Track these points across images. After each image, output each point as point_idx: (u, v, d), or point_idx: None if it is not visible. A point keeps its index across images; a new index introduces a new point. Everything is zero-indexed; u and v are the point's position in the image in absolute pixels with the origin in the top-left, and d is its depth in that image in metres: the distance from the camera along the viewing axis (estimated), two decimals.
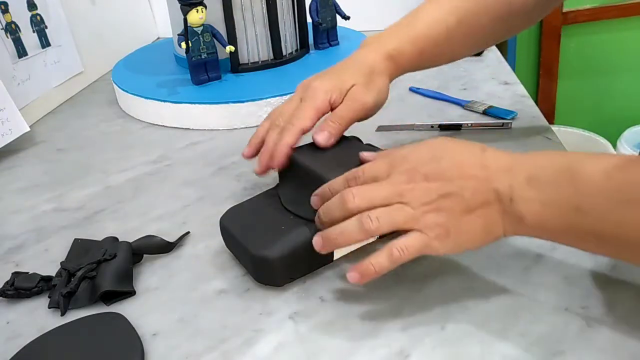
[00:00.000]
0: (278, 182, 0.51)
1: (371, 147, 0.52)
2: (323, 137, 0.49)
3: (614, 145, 1.62)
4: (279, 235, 0.44)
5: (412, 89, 0.83)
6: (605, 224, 0.34)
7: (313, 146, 0.50)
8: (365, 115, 0.53)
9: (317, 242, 0.41)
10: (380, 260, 0.39)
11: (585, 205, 0.35)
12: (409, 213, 0.39)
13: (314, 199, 0.44)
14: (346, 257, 0.47)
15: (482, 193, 0.38)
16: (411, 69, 0.58)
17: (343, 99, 0.51)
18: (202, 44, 0.76)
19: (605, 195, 0.34)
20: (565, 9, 1.66)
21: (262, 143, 0.53)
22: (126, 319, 0.42)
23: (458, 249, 0.39)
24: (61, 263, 0.48)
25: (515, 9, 0.57)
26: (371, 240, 0.48)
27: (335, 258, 0.46)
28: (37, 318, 0.44)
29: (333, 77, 0.53)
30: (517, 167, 0.38)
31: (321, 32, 0.90)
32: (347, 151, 0.49)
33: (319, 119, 0.51)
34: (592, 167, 0.36)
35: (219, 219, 0.48)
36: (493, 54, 0.97)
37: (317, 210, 0.43)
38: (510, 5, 0.56)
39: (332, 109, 0.51)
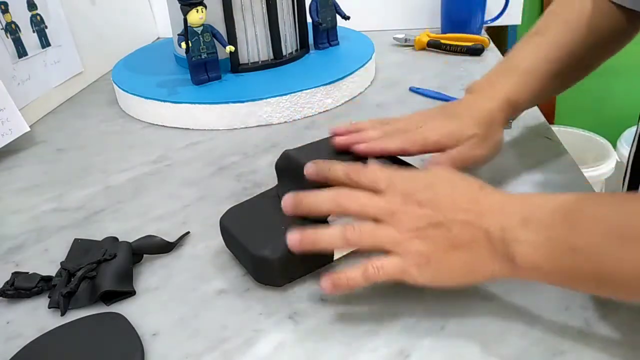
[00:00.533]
0: (277, 182, 0.51)
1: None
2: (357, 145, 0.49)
3: (614, 145, 1.62)
4: (279, 235, 0.44)
5: (412, 89, 0.83)
6: (604, 264, 0.33)
7: (313, 146, 0.50)
8: (474, 165, 0.51)
9: (294, 239, 0.41)
10: (354, 276, 0.39)
11: (582, 245, 0.34)
12: (393, 235, 0.38)
13: (309, 166, 0.44)
14: (346, 257, 0.47)
15: (470, 230, 0.37)
16: (524, 109, 0.57)
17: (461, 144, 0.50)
18: (202, 44, 0.76)
19: (602, 234, 0.33)
20: None
21: (354, 130, 0.51)
22: (126, 319, 0.42)
23: (436, 282, 0.38)
24: (61, 263, 0.48)
25: (606, 35, 0.55)
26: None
27: (335, 258, 0.46)
28: (37, 318, 0.44)
29: (453, 122, 0.51)
30: (511, 208, 0.37)
31: (321, 32, 0.90)
32: (348, 154, 0.49)
33: (425, 152, 0.50)
34: (587, 206, 0.35)
35: (219, 219, 0.48)
36: (493, 54, 0.97)
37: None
38: (595, 39, 0.55)
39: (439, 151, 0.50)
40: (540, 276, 0.37)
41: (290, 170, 0.48)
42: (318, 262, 0.46)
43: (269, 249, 0.43)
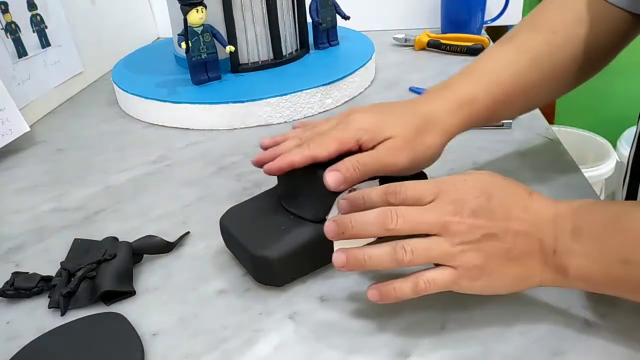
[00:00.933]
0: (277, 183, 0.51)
1: None
2: (333, 179, 0.43)
3: (614, 146, 1.62)
4: (279, 235, 0.44)
5: (412, 89, 0.83)
6: None
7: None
8: (397, 174, 0.45)
9: (340, 260, 0.38)
10: (404, 288, 0.37)
11: (632, 258, 0.34)
12: (447, 249, 0.37)
13: (342, 203, 0.41)
14: None
15: (525, 241, 0.37)
16: (482, 121, 0.49)
17: (375, 146, 0.45)
18: (202, 44, 0.76)
19: None
20: None
21: (277, 143, 0.49)
22: (126, 319, 0.42)
23: (486, 292, 0.38)
24: (61, 263, 0.48)
25: (591, 50, 0.51)
26: (371, 239, 0.48)
27: None
28: (37, 318, 0.44)
29: (378, 117, 0.46)
30: (562, 218, 0.37)
31: (321, 32, 0.90)
32: (348, 153, 0.49)
33: (339, 153, 0.45)
34: (637, 216, 0.35)
35: (219, 219, 0.48)
36: None
37: (319, 211, 0.43)
38: (586, 46, 0.51)
39: (360, 149, 0.45)
40: (590, 286, 0.37)
41: (292, 170, 0.48)
42: (318, 262, 0.46)
43: (269, 249, 0.43)
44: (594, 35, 0.50)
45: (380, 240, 0.39)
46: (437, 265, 0.37)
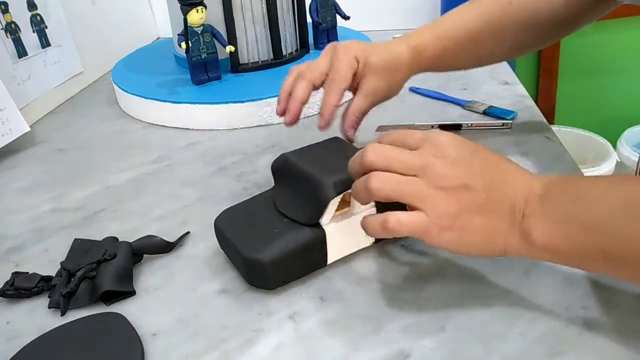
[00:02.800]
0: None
1: None
2: (351, 133, 0.55)
3: (614, 145, 1.61)
4: (272, 238, 0.43)
5: (412, 89, 0.83)
6: (611, 242, 0.34)
7: (309, 149, 0.50)
8: (377, 103, 0.57)
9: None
10: (374, 223, 0.38)
11: (594, 224, 0.34)
12: (420, 189, 0.36)
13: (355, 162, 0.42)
14: (339, 262, 0.47)
15: (498, 200, 0.37)
16: (434, 66, 0.59)
17: (359, 85, 0.55)
18: (202, 44, 0.76)
19: (614, 213, 0.34)
20: None
21: (289, 95, 0.55)
22: (126, 319, 0.42)
23: (455, 248, 0.37)
24: (61, 263, 0.48)
25: (543, 19, 0.57)
26: (368, 244, 0.48)
27: (328, 262, 0.46)
28: (37, 318, 0.44)
29: (364, 44, 0.56)
30: (536, 183, 0.38)
31: (321, 32, 0.90)
32: (343, 155, 0.49)
33: (352, 76, 0.54)
34: (597, 185, 0.36)
35: (214, 220, 0.48)
36: None
37: (313, 215, 0.44)
38: (537, 14, 0.56)
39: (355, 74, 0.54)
40: (553, 256, 0.37)
41: (287, 173, 0.48)
42: (311, 266, 0.46)
43: (261, 252, 0.43)
44: (551, 6, 0.57)
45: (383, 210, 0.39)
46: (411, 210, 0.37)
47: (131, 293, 0.46)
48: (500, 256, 0.38)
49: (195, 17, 0.73)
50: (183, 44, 0.74)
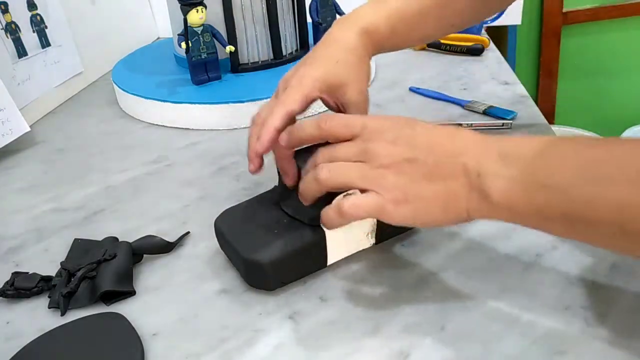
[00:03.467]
0: (277, 183, 0.50)
1: None
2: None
3: None
4: (271, 239, 0.43)
5: (412, 89, 0.83)
6: (573, 203, 0.32)
7: (312, 150, 0.50)
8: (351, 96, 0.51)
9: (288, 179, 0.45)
10: (330, 213, 0.39)
11: (553, 182, 0.33)
12: (365, 171, 0.38)
13: (282, 137, 0.43)
14: (339, 263, 0.47)
15: (448, 165, 0.37)
16: (385, 47, 0.55)
17: (346, 106, 0.49)
18: (202, 44, 0.76)
19: (574, 172, 0.33)
20: (565, 9, 1.66)
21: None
22: (126, 319, 0.42)
23: (415, 219, 0.38)
24: (61, 263, 0.48)
25: None
26: (367, 245, 0.48)
27: (328, 263, 0.46)
28: (37, 318, 0.44)
29: (321, 65, 0.49)
30: (490, 144, 0.37)
31: (321, 32, 0.90)
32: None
33: (307, 104, 0.48)
34: (562, 144, 0.35)
35: (214, 220, 0.48)
36: (493, 54, 0.97)
37: (314, 214, 0.43)
38: None
39: (323, 101, 0.50)
40: (515, 216, 0.36)
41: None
42: (311, 267, 0.46)
43: (260, 253, 0.43)
44: None
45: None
46: (362, 192, 0.38)
47: (131, 293, 0.46)
48: (465, 221, 0.38)
49: (195, 17, 0.73)
50: (183, 44, 0.74)
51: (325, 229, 0.44)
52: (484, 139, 0.38)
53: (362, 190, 0.38)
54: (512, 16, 1.11)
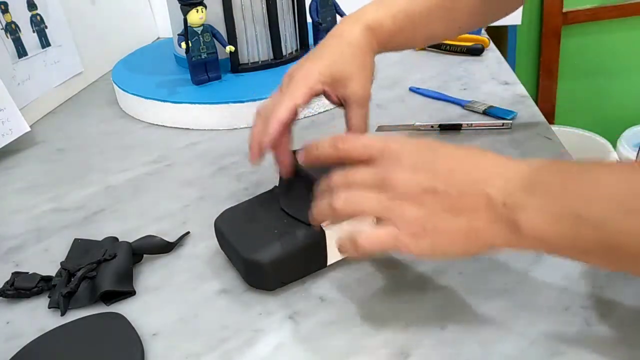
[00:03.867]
0: (277, 183, 0.50)
1: None
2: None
3: (614, 145, 1.62)
4: (271, 239, 0.43)
5: (412, 89, 0.83)
6: (609, 234, 0.31)
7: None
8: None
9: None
10: (344, 244, 0.38)
11: (587, 213, 0.32)
12: (382, 202, 0.36)
13: (300, 154, 0.42)
14: (340, 263, 0.47)
15: (471, 195, 0.35)
16: (389, 45, 0.54)
17: (347, 100, 0.49)
18: (202, 44, 0.76)
19: (608, 202, 0.31)
20: (565, 9, 1.66)
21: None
22: (126, 319, 0.42)
23: (435, 253, 0.36)
24: (61, 263, 0.48)
25: None
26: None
27: (328, 263, 0.46)
28: (37, 318, 0.44)
29: (326, 58, 0.50)
30: (515, 171, 0.35)
31: (321, 32, 0.90)
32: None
33: (312, 97, 0.48)
34: (593, 172, 0.33)
35: (214, 220, 0.48)
36: (493, 54, 0.97)
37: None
38: None
39: (325, 95, 0.50)
40: (545, 245, 0.34)
41: (292, 172, 0.48)
42: (311, 267, 0.46)
43: (260, 253, 0.43)
44: None
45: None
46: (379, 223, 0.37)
47: (131, 293, 0.46)
48: (487, 252, 0.36)
49: (195, 17, 0.73)
50: (183, 44, 0.74)
51: (324, 228, 0.44)
52: (509, 164, 0.36)
53: (378, 220, 0.37)
54: (512, 16, 1.10)
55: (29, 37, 0.81)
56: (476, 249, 0.36)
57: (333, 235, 0.44)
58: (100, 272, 0.46)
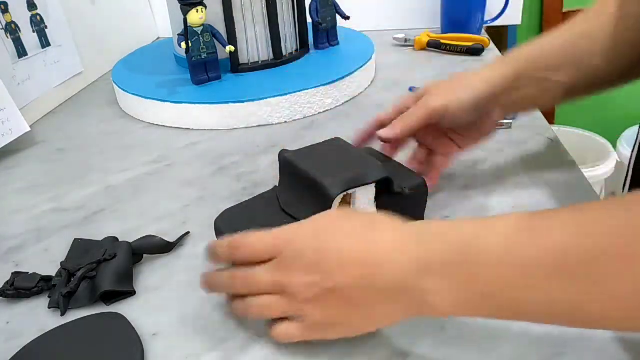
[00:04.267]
0: (277, 184, 0.50)
1: (371, 151, 0.52)
2: (383, 133, 0.50)
3: (614, 146, 1.62)
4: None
5: (412, 89, 0.83)
6: (521, 306, 0.31)
7: (310, 149, 0.50)
8: (436, 119, 0.50)
9: (203, 284, 0.42)
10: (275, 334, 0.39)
11: (490, 291, 0.31)
12: (285, 307, 0.37)
13: (208, 251, 0.41)
14: None
15: (366, 292, 0.34)
16: (505, 91, 0.51)
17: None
18: (202, 44, 0.76)
19: (512, 280, 0.31)
20: (565, 9, 1.66)
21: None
22: (126, 319, 0.42)
23: (348, 335, 0.38)
24: (61, 263, 0.48)
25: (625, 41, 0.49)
26: None
27: None
28: (37, 318, 0.44)
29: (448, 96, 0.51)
30: (407, 251, 0.34)
31: (321, 32, 0.90)
32: (345, 155, 0.49)
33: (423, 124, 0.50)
34: (483, 239, 0.32)
35: (214, 220, 0.48)
36: (493, 54, 0.97)
37: (314, 214, 0.43)
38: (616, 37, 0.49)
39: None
40: (465, 316, 0.35)
41: (290, 173, 0.48)
42: None
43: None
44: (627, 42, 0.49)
45: None
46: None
47: (131, 293, 0.46)
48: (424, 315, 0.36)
49: (195, 17, 0.73)
50: (183, 44, 0.74)
51: None
52: (399, 242, 0.35)
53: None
54: (512, 16, 1.11)
55: (29, 37, 0.81)
56: (389, 324, 0.38)
57: None
58: (100, 272, 0.46)
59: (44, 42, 0.85)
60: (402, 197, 0.46)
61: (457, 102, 0.49)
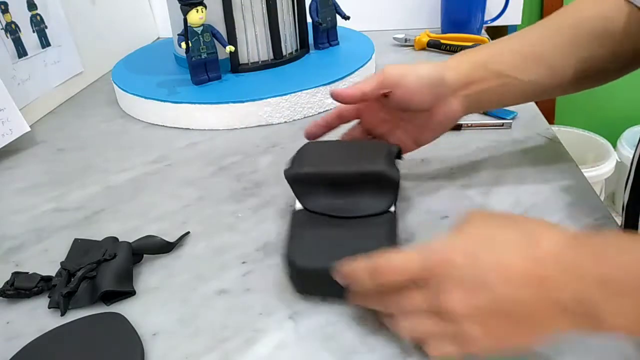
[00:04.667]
0: (295, 207, 0.49)
1: (379, 145, 0.52)
2: (338, 89, 0.52)
3: (614, 146, 1.62)
4: (323, 247, 0.42)
5: None
6: None
7: (304, 158, 0.49)
8: (390, 86, 0.50)
9: (342, 275, 0.38)
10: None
11: None
12: (446, 328, 0.34)
13: (339, 275, 0.38)
14: None
15: (539, 310, 0.32)
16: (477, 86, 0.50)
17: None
18: (202, 44, 0.76)
19: None
20: None
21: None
22: (126, 319, 0.42)
23: (513, 347, 0.34)
24: (61, 263, 0.48)
25: (614, 29, 0.49)
26: None
27: None
28: (37, 318, 0.44)
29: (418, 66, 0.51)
30: (584, 267, 0.31)
31: (321, 32, 0.90)
32: (338, 149, 0.49)
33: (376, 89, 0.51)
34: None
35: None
36: None
37: (384, 203, 0.43)
38: (605, 21, 0.49)
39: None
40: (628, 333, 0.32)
41: (306, 183, 0.47)
42: (339, 292, 0.40)
43: (299, 255, 0.42)
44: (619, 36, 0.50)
45: None
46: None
47: (131, 293, 0.46)
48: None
49: (195, 17, 0.73)
50: (183, 44, 0.74)
51: None
52: (573, 257, 0.32)
53: None
54: (512, 16, 1.11)
55: (29, 37, 0.81)
56: (552, 337, 0.34)
57: None
58: (100, 272, 0.46)
59: (44, 42, 0.85)
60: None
61: (413, 74, 0.49)
